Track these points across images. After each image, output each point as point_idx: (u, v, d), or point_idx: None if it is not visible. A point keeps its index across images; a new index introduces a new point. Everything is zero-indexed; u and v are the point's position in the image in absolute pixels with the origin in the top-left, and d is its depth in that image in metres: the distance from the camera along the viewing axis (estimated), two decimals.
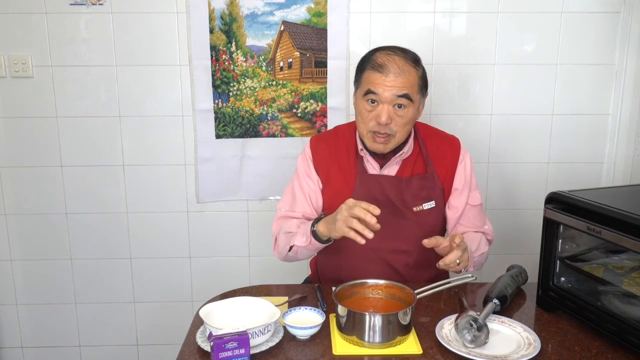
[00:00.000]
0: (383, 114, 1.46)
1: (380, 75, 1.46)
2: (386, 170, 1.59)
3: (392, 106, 1.47)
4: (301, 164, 1.66)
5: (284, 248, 1.55)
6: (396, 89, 1.45)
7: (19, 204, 2.29)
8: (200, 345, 1.20)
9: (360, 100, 1.52)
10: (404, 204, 1.55)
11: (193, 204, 2.31)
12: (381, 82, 1.46)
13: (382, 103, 1.47)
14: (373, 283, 1.34)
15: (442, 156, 1.61)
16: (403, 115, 1.48)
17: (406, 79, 1.46)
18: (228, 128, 2.23)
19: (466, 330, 1.20)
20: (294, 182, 1.66)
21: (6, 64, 2.14)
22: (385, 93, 1.46)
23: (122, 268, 2.36)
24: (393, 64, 1.46)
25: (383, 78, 1.46)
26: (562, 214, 1.32)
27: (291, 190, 1.66)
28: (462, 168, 1.61)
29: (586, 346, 1.22)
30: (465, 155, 1.63)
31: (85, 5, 2.11)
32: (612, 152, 2.25)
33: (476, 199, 1.63)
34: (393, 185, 1.56)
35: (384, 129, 1.48)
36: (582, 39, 2.18)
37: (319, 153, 1.63)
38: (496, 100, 2.24)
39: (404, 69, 1.46)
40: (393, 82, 1.45)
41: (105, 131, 2.23)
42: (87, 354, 2.45)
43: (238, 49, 2.17)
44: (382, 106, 1.47)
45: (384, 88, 1.45)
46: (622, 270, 1.33)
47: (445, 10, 2.16)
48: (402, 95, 1.46)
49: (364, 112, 1.51)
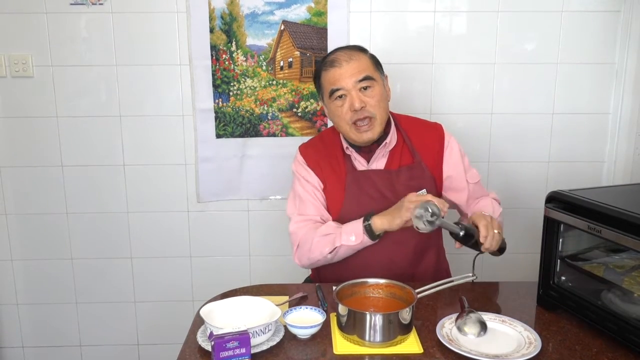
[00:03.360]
0: (354, 101, 1.51)
1: (334, 69, 1.53)
2: (374, 164, 1.61)
3: (358, 91, 1.52)
4: (298, 170, 1.67)
5: (320, 252, 1.54)
6: (354, 75, 1.51)
7: (19, 203, 2.29)
8: (201, 344, 1.20)
9: (330, 103, 1.57)
10: (396, 196, 1.55)
11: (193, 204, 2.31)
12: (338, 76, 1.52)
13: (349, 92, 1.52)
14: (374, 282, 1.35)
15: (427, 145, 1.63)
16: (372, 95, 1.53)
17: (358, 63, 1.53)
18: (228, 127, 2.23)
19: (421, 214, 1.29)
20: (297, 188, 1.66)
21: (6, 63, 2.14)
22: (346, 82, 1.52)
23: (123, 267, 2.36)
24: (341, 56, 1.54)
25: (338, 70, 1.52)
26: (562, 213, 1.32)
27: (296, 195, 1.66)
28: (448, 153, 1.63)
29: (587, 345, 1.22)
30: (450, 140, 1.65)
31: (86, 4, 2.11)
32: (613, 151, 2.25)
33: (475, 176, 1.66)
34: (383, 178, 1.58)
35: (362, 113, 1.51)
36: (583, 38, 2.18)
37: (310, 158, 1.66)
38: (496, 99, 2.24)
39: (352, 56, 1.54)
40: (347, 69, 1.51)
41: (105, 131, 2.23)
42: (87, 353, 2.45)
43: (238, 49, 2.17)
44: (350, 95, 1.52)
45: (343, 78, 1.52)
46: (623, 269, 1.33)
47: (446, 10, 2.16)
48: (363, 79, 1.51)
49: (337, 110, 1.55)
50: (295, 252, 1.62)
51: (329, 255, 1.54)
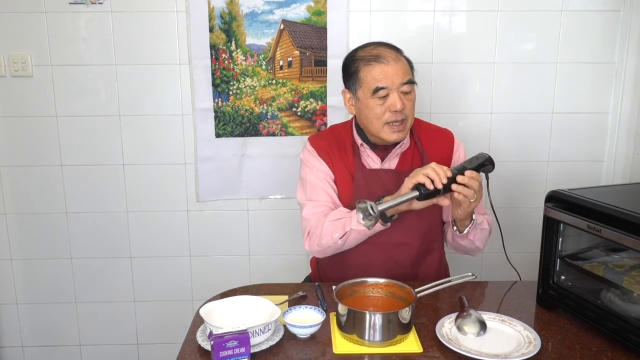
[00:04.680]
0: (397, 102, 1.49)
1: (381, 65, 1.50)
2: (387, 163, 1.61)
3: (400, 92, 1.50)
4: (308, 158, 1.65)
5: (331, 236, 1.52)
6: (401, 76, 1.50)
7: (19, 203, 2.29)
8: (200, 344, 1.20)
9: (368, 99, 1.53)
10: None
11: (193, 203, 2.31)
12: (385, 73, 1.49)
13: (392, 92, 1.50)
14: (373, 282, 1.35)
15: (437, 149, 1.63)
16: (410, 98, 1.53)
17: (403, 64, 1.52)
18: (228, 127, 2.23)
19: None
20: (307, 175, 1.63)
21: (6, 63, 2.14)
22: (393, 82, 1.49)
23: (123, 267, 2.36)
24: (387, 53, 1.51)
25: (385, 67, 1.49)
26: (562, 212, 1.32)
27: (307, 182, 1.63)
28: (456, 159, 1.64)
29: (586, 344, 1.22)
30: (459, 146, 1.67)
31: (85, 4, 2.11)
32: (612, 150, 2.25)
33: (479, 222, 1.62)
34: (393, 178, 1.58)
35: (400, 115, 1.51)
36: (582, 38, 2.18)
37: (321, 148, 1.64)
38: (496, 98, 2.24)
39: (397, 57, 1.53)
40: (395, 69, 1.49)
41: (105, 130, 2.23)
42: (87, 353, 2.45)
43: (238, 48, 2.16)
44: (393, 95, 1.50)
45: (390, 77, 1.49)
46: (623, 268, 1.33)
47: (445, 9, 2.16)
48: (407, 82, 1.51)
49: (376, 108, 1.52)
50: (306, 238, 1.60)
51: (340, 240, 1.51)
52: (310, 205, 1.60)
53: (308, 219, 1.59)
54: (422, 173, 1.36)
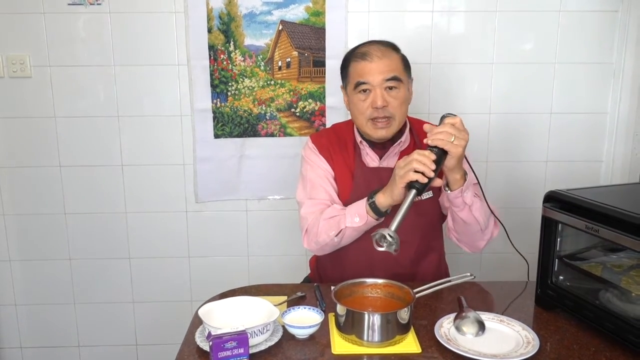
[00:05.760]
0: (378, 98, 1.50)
1: (365, 62, 1.52)
2: (385, 162, 1.61)
3: (384, 89, 1.51)
4: (309, 156, 1.66)
5: (327, 234, 1.52)
6: (384, 73, 1.51)
7: (17, 204, 2.28)
8: (199, 344, 1.20)
9: (353, 94, 1.56)
10: None
11: (192, 204, 2.31)
12: (368, 70, 1.51)
13: (374, 88, 1.51)
14: (372, 282, 1.35)
15: None
16: (396, 96, 1.53)
17: (390, 61, 1.52)
18: (226, 128, 2.23)
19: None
20: (307, 172, 1.64)
21: (4, 64, 2.14)
22: (374, 78, 1.51)
23: (121, 268, 2.36)
24: (374, 51, 1.53)
25: (369, 64, 1.51)
26: (560, 212, 1.32)
27: (307, 180, 1.63)
28: None
29: (585, 344, 1.22)
30: None
31: (84, 5, 2.11)
32: (611, 150, 2.26)
33: (471, 178, 1.61)
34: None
35: (382, 112, 1.51)
36: (580, 38, 2.18)
37: (322, 146, 1.65)
38: (494, 99, 2.24)
39: (385, 53, 1.53)
40: (378, 66, 1.51)
41: (103, 131, 2.23)
42: (86, 354, 2.44)
43: (236, 49, 2.16)
44: (375, 91, 1.51)
45: (372, 73, 1.51)
46: (621, 268, 1.33)
47: (444, 9, 2.16)
48: (391, 78, 1.51)
49: (359, 103, 1.54)
50: (304, 236, 1.60)
51: (336, 238, 1.52)
52: (308, 203, 1.61)
53: (306, 218, 1.60)
54: (409, 170, 1.33)
